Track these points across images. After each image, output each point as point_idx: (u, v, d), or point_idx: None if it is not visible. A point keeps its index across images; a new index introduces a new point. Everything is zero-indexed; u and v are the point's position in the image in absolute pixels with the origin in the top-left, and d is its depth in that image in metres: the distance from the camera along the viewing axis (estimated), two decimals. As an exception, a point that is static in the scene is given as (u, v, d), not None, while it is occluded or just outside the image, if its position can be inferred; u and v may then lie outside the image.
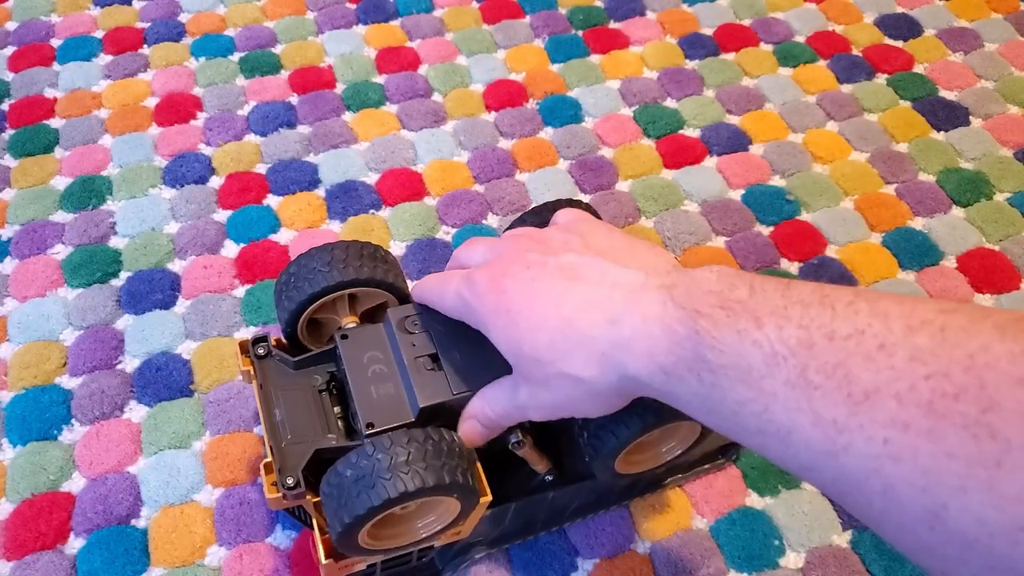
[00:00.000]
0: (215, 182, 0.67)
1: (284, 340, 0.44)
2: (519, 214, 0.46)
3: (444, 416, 0.38)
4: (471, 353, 0.39)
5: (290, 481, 0.37)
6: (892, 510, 0.23)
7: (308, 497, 0.37)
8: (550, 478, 0.43)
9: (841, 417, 0.24)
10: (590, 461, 0.40)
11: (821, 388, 0.24)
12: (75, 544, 0.49)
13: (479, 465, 0.39)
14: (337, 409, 0.40)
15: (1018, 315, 0.23)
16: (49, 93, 0.74)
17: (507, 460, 0.41)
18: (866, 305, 0.25)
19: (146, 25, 0.79)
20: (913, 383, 0.23)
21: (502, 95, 0.73)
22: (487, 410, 0.37)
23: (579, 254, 0.34)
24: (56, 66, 0.76)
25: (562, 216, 0.41)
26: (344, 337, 0.41)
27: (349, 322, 0.43)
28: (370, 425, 0.37)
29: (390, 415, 0.38)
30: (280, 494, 0.37)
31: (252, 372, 0.41)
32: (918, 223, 0.65)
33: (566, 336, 0.32)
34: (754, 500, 0.51)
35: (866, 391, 0.23)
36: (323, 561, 0.38)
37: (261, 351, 0.42)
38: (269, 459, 0.38)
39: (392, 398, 0.38)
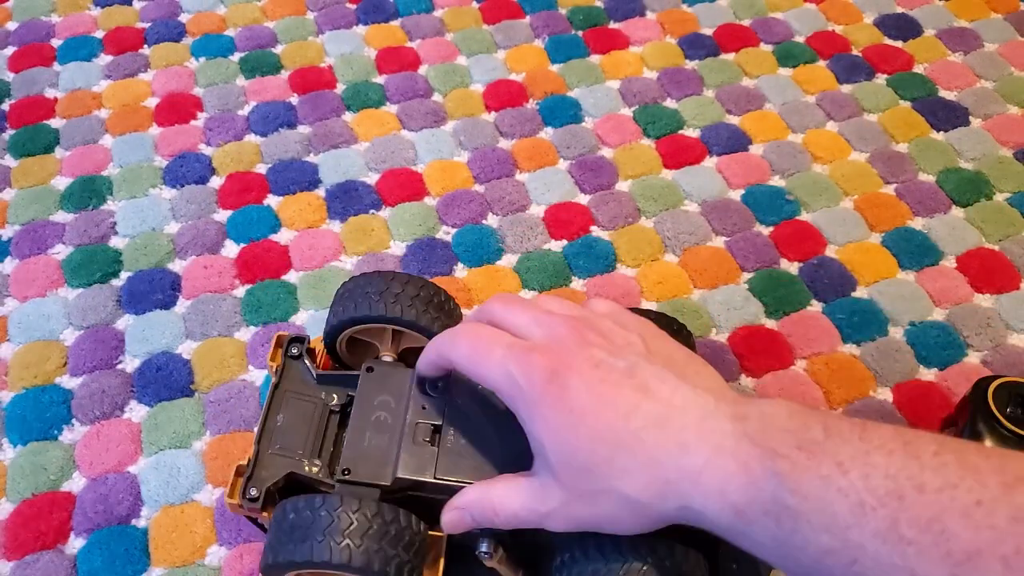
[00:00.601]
0: (215, 182, 0.67)
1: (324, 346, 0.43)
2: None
3: (426, 491, 0.37)
4: (479, 440, 0.37)
5: (253, 492, 0.36)
6: None
7: (265, 514, 0.37)
8: None
9: None
10: None
11: (915, 544, 0.23)
12: (75, 544, 0.49)
13: (439, 567, 0.37)
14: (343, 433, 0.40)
15: None
16: (49, 93, 0.74)
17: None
18: (953, 457, 0.24)
19: (146, 25, 0.79)
20: (1019, 546, 0.21)
21: (502, 95, 0.73)
22: (494, 505, 0.33)
23: (647, 361, 0.31)
24: (56, 66, 0.76)
25: (600, 305, 0.37)
26: (369, 370, 0.40)
27: (386, 355, 0.42)
28: (346, 471, 0.36)
29: (368, 470, 0.37)
30: (239, 501, 0.36)
31: (276, 369, 0.41)
32: (918, 223, 0.65)
33: (631, 453, 0.29)
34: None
35: (967, 551, 0.22)
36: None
37: (294, 351, 0.42)
38: (244, 462, 0.37)
39: (379, 453, 0.37)
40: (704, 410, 0.30)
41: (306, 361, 0.41)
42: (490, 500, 0.34)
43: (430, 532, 0.37)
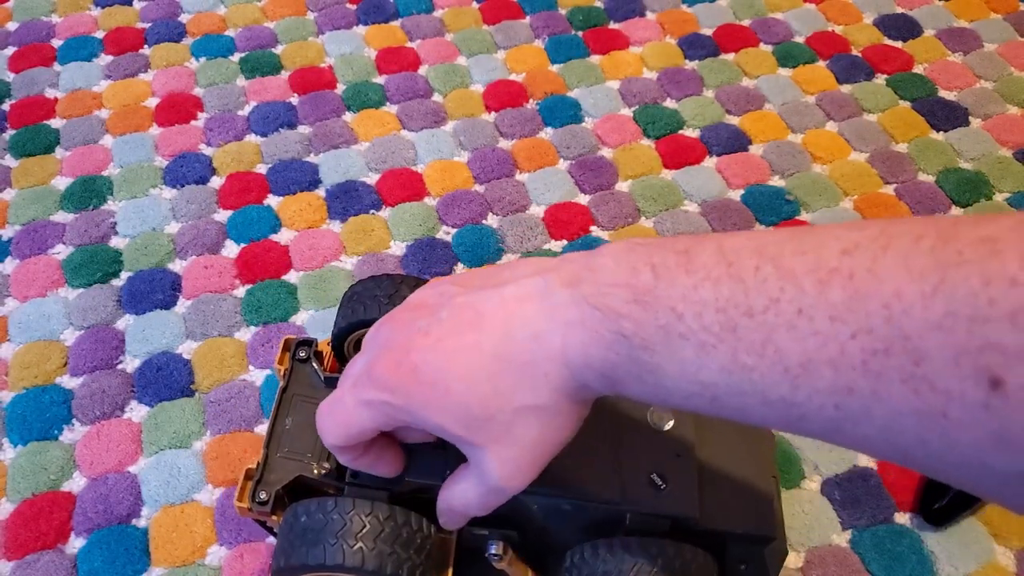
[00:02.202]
0: (215, 182, 0.67)
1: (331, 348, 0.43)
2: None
3: (434, 493, 0.36)
4: None
5: (263, 496, 0.36)
6: (870, 451, 0.24)
7: (274, 517, 0.37)
8: None
9: (786, 393, 0.24)
10: None
11: (757, 369, 0.24)
12: (75, 544, 0.49)
13: (448, 569, 0.37)
14: None
15: (913, 228, 0.22)
16: (50, 93, 0.74)
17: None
18: (772, 268, 0.24)
19: (146, 25, 0.79)
20: (842, 346, 0.22)
21: (502, 95, 0.73)
22: (453, 506, 0.33)
23: (464, 295, 0.31)
24: (57, 66, 0.76)
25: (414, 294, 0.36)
26: None
27: None
28: (355, 474, 0.36)
29: None
30: (248, 505, 0.36)
31: (284, 372, 0.41)
32: (918, 223, 0.65)
33: (504, 373, 0.29)
34: (754, 500, 0.51)
35: (800, 363, 0.23)
36: None
37: (302, 355, 0.41)
38: (252, 466, 0.37)
39: None
40: (537, 292, 0.29)
41: (314, 364, 0.41)
42: (450, 502, 0.33)
43: (439, 534, 0.37)
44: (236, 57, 0.77)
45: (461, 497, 0.33)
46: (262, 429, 0.53)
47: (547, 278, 0.30)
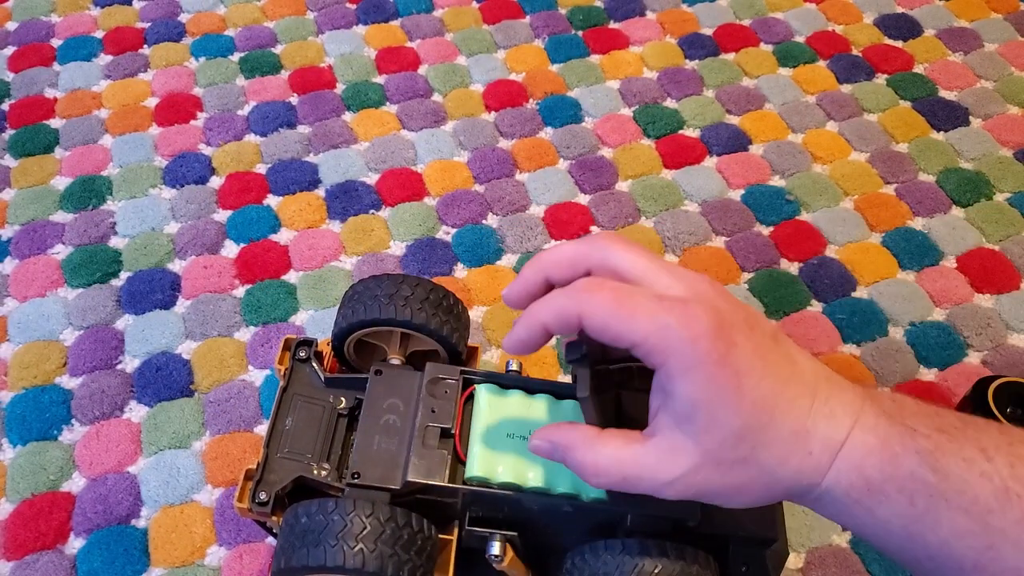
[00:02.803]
0: (215, 182, 0.67)
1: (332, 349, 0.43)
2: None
3: (435, 494, 0.36)
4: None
5: (263, 496, 0.36)
6: None
7: (274, 518, 0.37)
8: None
9: None
10: None
11: None
12: (75, 544, 0.49)
13: (449, 570, 0.37)
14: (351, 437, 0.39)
15: None
16: (49, 93, 0.74)
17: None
18: None
19: (146, 25, 0.79)
20: None
21: (502, 95, 0.73)
22: (597, 462, 0.30)
23: (774, 330, 0.29)
24: (56, 66, 0.76)
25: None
26: (378, 373, 0.40)
27: (394, 358, 0.42)
28: (356, 475, 0.36)
29: (379, 473, 0.36)
30: (248, 506, 0.36)
31: (284, 372, 0.41)
32: (918, 223, 0.65)
33: (784, 421, 0.27)
34: (754, 500, 0.51)
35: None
36: None
37: (302, 355, 0.41)
38: (252, 466, 0.37)
39: (389, 456, 0.37)
40: (839, 385, 0.28)
41: (314, 364, 0.41)
42: (594, 455, 0.30)
43: (440, 536, 0.37)
44: (236, 57, 0.76)
45: (613, 456, 0.29)
46: (261, 429, 0.53)
47: (844, 380, 0.29)
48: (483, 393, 0.38)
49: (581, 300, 0.29)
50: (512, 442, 0.36)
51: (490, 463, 0.35)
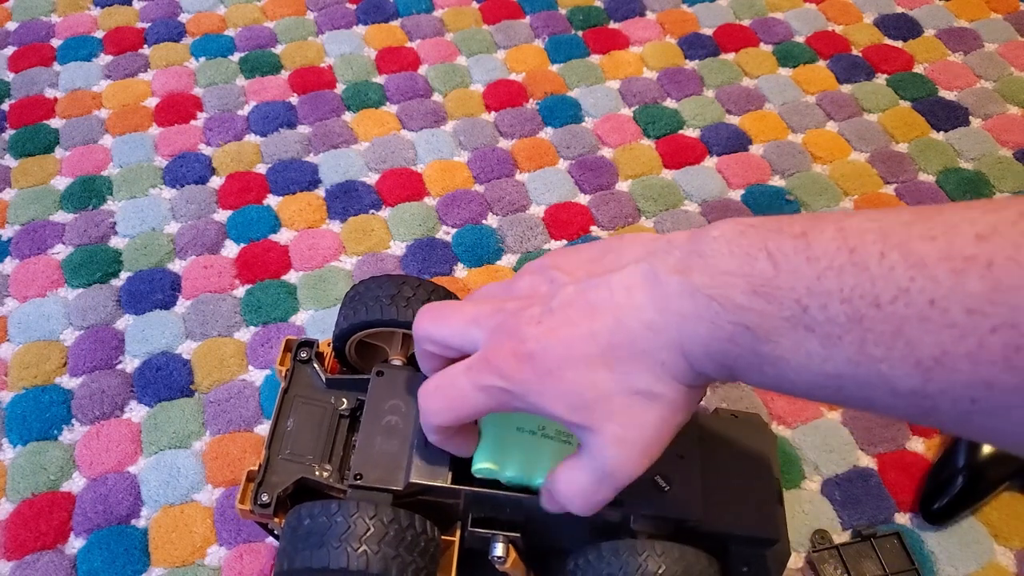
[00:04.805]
0: (215, 182, 0.67)
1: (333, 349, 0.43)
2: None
3: (437, 495, 0.37)
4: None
5: (265, 498, 0.36)
6: (998, 442, 0.23)
7: (276, 520, 0.37)
8: None
9: (917, 385, 0.23)
10: None
11: (886, 360, 0.23)
12: (75, 544, 0.49)
13: (451, 571, 0.37)
14: (353, 438, 0.39)
15: None
16: (49, 93, 0.74)
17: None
18: (899, 255, 0.23)
19: (146, 25, 0.79)
20: (981, 340, 0.21)
21: (502, 95, 0.73)
22: (563, 497, 0.32)
23: (573, 285, 0.31)
24: (56, 66, 0.76)
25: (521, 276, 0.35)
26: (379, 374, 0.40)
27: (396, 359, 0.42)
28: (358, 476, 0.36)
29: (381, 474, 0.36)
30: (250, 507, 0.36)
31: (285, 373, 0.41)
32: (918, 223, 0.65)
33: (619, 360, 0.29)
34: (754, 500, 0.51)
35: (934, 356, 0.22)
36: None
37: (303, 356, 0.41)
38: (254, 467, 0.37)
39: (391, 457, 0.37)
40: (646, 280, 0.29)
41: (315, 365, 0.41)
42: (555, 487, 0.32)
43: (442, 537, 0.37)
44: (236, 57, 0.76)
45: (568, 484, 0.32)
46: (262, 429, 0.53)
47: (654, 265, 0.29)
48: None
49: (425, 413, 0.33)
50: (521, 436, 0.36)
51: (498, 456, 0.35)
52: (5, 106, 0.72)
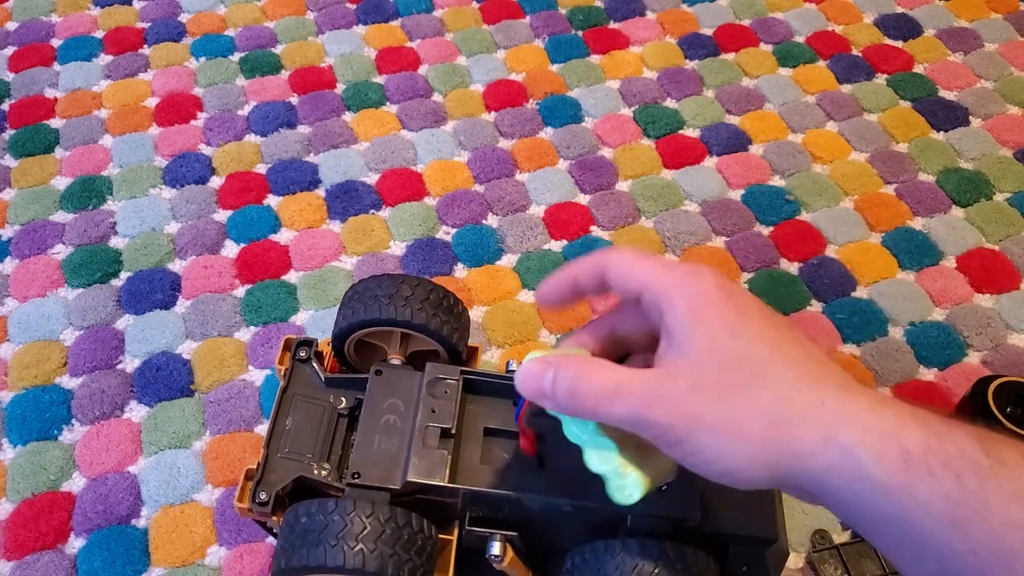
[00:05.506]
0: (215, 182, 0.67)
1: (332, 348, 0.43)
2: None
3: (435, 494, 0.36)
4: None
5: (263, 496, 0.36)
6: None
7: (275, 518, 0.37)
8: None
9: None
10: None
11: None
12: (75, 544, 0.49)
13: (449, 570, 0.37)
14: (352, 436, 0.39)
15: None
16: (49, 93, 0.74)
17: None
18: None
19: (146, 25, 0.79)
20: None
21: (502, 95, 0.73)
22: (606, 384, 0.28)
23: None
24: (56, 66, 0.76)
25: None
26: (378, 373, 0.40)
27: (394, 358, 0.42)
28: (356, 475, 0.36)
29: (378, 473, 0.36)
30: (248, 505, 0.36)
31: (284, 372, 0.41)
32: (918, 223, 0.65)
33: (789, 364, 0.26)
34: (754, 500, 0.51)
35: None
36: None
37: (302, 355, 0.41)
38: (253, 466, 0.37)
39: (389, 456, 0.37)
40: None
41: (314, 364, 0.41)
42: (589, 369, 0.28)
43: (440, 536, 0.37)
44: (236, 57, 0.76)
45: (607, 374, 0.28)
46: (262, 429, 0.53)
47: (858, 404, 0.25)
48: None
49: (608, 253, 0.32)
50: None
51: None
52: (5, 106, 0.72)
